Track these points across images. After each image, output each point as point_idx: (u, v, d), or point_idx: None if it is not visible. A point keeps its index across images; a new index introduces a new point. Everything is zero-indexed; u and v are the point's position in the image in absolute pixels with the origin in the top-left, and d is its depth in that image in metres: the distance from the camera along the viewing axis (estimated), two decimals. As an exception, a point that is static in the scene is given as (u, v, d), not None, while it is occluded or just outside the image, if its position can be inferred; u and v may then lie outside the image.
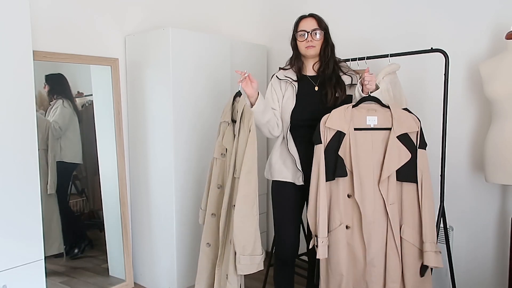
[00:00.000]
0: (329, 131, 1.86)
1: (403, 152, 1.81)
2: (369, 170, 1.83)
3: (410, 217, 1.84)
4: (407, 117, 1.85)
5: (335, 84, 1.97)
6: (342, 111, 1.86)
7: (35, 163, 2.05)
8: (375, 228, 1.83)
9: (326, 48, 2.00)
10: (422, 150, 1.84)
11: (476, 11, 2.39)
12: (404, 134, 1.83)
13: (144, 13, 2.86)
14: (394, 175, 1.82)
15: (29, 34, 2.01)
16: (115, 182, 2.72)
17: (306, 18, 2.01)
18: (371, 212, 1.82)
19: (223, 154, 2.00)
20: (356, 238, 1.85)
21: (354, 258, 1.86)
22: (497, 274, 2.44)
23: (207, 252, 2.08)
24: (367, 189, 1.83)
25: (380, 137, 1.84)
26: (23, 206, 2.02)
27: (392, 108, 1.86)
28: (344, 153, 1.84)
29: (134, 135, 2.78)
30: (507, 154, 2.09)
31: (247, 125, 1.87)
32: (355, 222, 1.85)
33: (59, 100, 2.64)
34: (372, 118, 1.85)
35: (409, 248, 1.83)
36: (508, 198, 2.37)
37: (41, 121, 2.56)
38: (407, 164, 1.82)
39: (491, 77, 2.16)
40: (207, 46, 2.69)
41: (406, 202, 1.85)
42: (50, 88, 2.60)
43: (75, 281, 2.65)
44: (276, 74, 2.09)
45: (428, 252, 1.79)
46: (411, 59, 2.38)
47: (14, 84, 1.97)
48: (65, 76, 2.63)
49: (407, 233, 1.83)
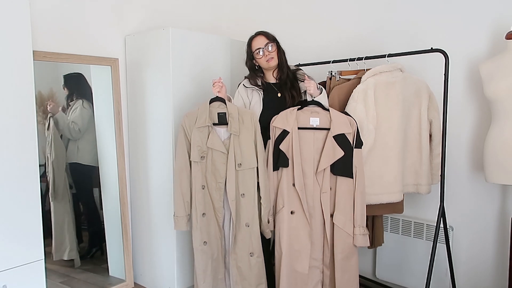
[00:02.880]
0: (276, 130, 2.17)
1: (337, 150, 2.11)
2: (310, 162, 2.15)
3: (342, 205, 2.14)
4: (343, 120, 2.12)
5: (290, 87, 2.23)
6: (288, 113, 2.17)
7: (35, 163, 2.06)
8: (315, 212, 2.17)
9: (281, 56, 2.25)
10: (357, 149, 2.13)
11: (476, 11, 2.39)
12: (341, 134, 2.11)
13: (144, 13, 2.86)
14: (328, 168, 2.13)
15: (29, 34, 2.02)
16: (115, 182, 2.72)
17: (255, 37, 2.24)
18: (311, 199, 2.15)
19: (202, 157, 2.16)
20: (301, 221, 2.16)
21: (297, 238, 2.16)
22: (497, 274, 2.44)
23: (205, 250, 2.19)
24: (308, 178, 2.15)
25: (321, 136, 2.15)
26: (23, 206, 2.02)
27: (332, 111, 2.15)
28: (287, 148, 2.15)
29: (134, 135, 2.79)
30: (507, 154, 2.09)
31: (251, 123, 2.16)
32: (299, 207, 2.15)
33: (79, 101, 2.65)
34: (314, 120, 2.15)
35: (339, 231, 2.14)
36: (508, 198, 2.37)
37: (62, 119, 2.58)
38: (341, 160, 2.11)
39: (491, 77, 2.16)
40: (207, 46, 2.69)
41: (339, 192, 2.15)
42: (69, 88, 2.62)
43: (75, 281, 2.65)
44: (243, 83, 2.32)
45: (357, 235, 2.14)
46: (411, 59, 2.38)
47: (14, 84, 1.97)
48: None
49: (338, 219, 2.14)
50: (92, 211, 2.84)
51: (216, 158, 2.16)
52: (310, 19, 3.14)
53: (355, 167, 2.12)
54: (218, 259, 2.24)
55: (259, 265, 2.20)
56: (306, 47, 3.07)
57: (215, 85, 2.20)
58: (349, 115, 2.15)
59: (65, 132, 2.65)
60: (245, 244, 2.19)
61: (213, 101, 2.20)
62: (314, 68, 2.64)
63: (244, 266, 2.19)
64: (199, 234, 2.18)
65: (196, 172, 2.17)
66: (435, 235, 2.17)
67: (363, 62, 2.38)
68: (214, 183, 2.18)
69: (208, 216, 2.19)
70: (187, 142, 2.19)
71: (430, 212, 2.59)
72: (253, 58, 2.23)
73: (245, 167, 2.15)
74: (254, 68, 2.28)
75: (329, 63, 2.57)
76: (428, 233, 2.56)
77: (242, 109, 2.22)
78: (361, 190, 2.14)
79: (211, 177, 2.18)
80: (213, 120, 2.18)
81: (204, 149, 2.16)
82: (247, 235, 2.18)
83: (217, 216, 2.20)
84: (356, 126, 2.13)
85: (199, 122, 2.15)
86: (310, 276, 2.18)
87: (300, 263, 2.16)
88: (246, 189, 2.17)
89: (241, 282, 2.21)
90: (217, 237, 2.21)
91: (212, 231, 2.20)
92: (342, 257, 2.14)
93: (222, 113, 2.17)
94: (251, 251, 2.19)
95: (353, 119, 2.14)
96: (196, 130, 2.15)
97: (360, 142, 2.14)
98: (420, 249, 2.58)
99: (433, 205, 2.53)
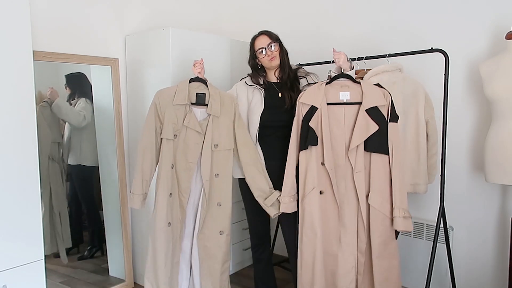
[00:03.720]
0: (304, 106, 2.05)
1: (371, 124, 1.95)
2: (341, 140, 2.01)
3: (377, 185, 1.98)
4: (376, 92, 1.98)
5: (290, 87, 2.21)
6: (316, 88, 2.04)
7: (35, 163, 2.06)
8: (347, 193, 2.02)
9: (284, 56, 2.23)
10: (393, 123, 1.98)
11: (476, 11, 2.39)
12: (374, 107, 1.96)
13: (144, 13, 2.86)
14: (362, 145, 1.98)
15: (29, 34, 2.02)
16: (115, 182, 2.72)
17: (258, 37, 2.23)
18: (342, 179, 2.01)
19: (175, 135, 2.13)
20: (330, 202, 2.03)
21: (327, 220, 2.04)
22: (497, 274, 2.44)
23: (169, 232, 2.14)
24: (340, 157, 2.01)
25: (352, 110, 2.00)
26: (23, 206, 2.02)
27: (363, 83, 2.01)
28: (316, 124, 2.01)
29: (134, 135, 2.78)
30: (507, 154, 2.09)
31: (231, 106, 2.17)
32: (328, 187, 2.02)
33: (81, 98, 2.65)
34: (344, 94, 2.02)
35: (375, 213, 1.98)
36: (508, 198, 2.37)
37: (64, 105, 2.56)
38: (376, 136, 1.95)
39: (491, 77, 2.16)
40: (207, 46, 2.69)
41: (374, 171, 1.99)
42: (71, 88, 2.61)
43: (75, 281, 2.65)
44: (245, 80, 2.30)
45: (397, 217, 1.95)
46: (411, 59, 2.39)
47: (14, 84, 1.97)
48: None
49: (373, 199, 1.97)
50: (92, 211, 2.84)
51: (190, 137, 2.13)
52: (310, 19, 3.14)
53: (391, 143, 1.96)
54: (176, 242, 2.19)
55: (227, 243, 2.21)
56: (306, 47, 3.07)
57: (196, 65, 2.19)
58: (382, 87, 2.02)
59: (70, 117, 2.62)
60: (216, 223, 2.18)
61: (193, 81, 2.17)
62: (314, 68, 2.64)
63: (212, 245, 2.18)
64: (165, 215, 2.12)
65: (167, 150, 2.12)
66: (435, 235, 2.17)
67: (363, 62, 2.39)
68: (184, 163, 2.14)
69: (173, 196, 2.15)
70: (157, 120, 2.14)
71: (430, 212, 2.59)
72: (256, 57, 2.24)
73: (221, 149, 2.15)
74: (257, 67, 2.28)
75: (329, 63, 2.57)
76: (428, 233, 2.57)
77: (223, 92, 2.21)
78: (399, 168, 1.97)
79: (181, 156, 2.14)
80: (191, 100, 2.15)
81: (179, 127, 2.12)
82: (218, 214, 2.17)
83: (181, 197, 2.16)
84: (390, 98, 1.99)
85: (177, 100, 2.12)
86: (343, 260, 2.04)
87: (330, 245, 2.05)
88: (220, 170, 2.16)
89: (208, 260, 2.19)
90: (178, 219, 2.17)
91: (175, 213, 2.16)
92: (380, 241, 1.97)
93: (201, 93, 2.15)
94: (221, 229, 2.18)
95: (387, 91, 2.00)
96: (172, 107, 2.11)
97: (396, 115, 1.99)
98: (420, 249, 2.59)
99: (433, 205, 2.53)
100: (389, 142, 1.96)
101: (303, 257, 2.07)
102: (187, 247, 2.25)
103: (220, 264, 2.19)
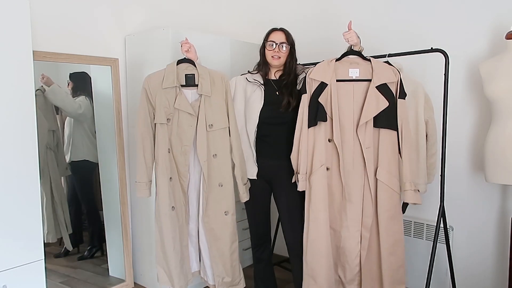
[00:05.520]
0: (313, 82, 2.05)
1: (381, 100, 1.96)
2: (349, 116, 2.02)
3: (385, 160, 2.00)
4: (386, 69, 2.00)
5: (290, 92, 2.17)
6: (325, 64, 2.04)
7: (35, 163, 2.05)
8: (354, 169, 2.04)
9: (291, 62, 2.20)
10: (401, 100, 1.99)
11: (476, 11, 2.40)
12: (383, 84, 1.97)
13: (144, 13, 2.86)
14: (371, 122, 2.00)
15: (29, 34, 2.01)
16: (115, 182, 2.72)
17: (277, 31, 2.19)
18: (350, 155, 2.02)
19: (168, 119, 2.11)
20: (335, 178, 2.05)
21: (332, 196, 2.06)
22: (497, 274, 2.44)
23: (173, 216, 2.13)
24: (347, 134, 2.02)
25: (361, 87, 2.01)
26: (23, 206, 2.02)
27: (373, 60, 2.02)
28: (326, 101, 2.02)
29: (134, 135, 2.78)
30: (507, 154, 2.09)
31: (222, 84, 2.16)
32: (334, 164, 2.05)
33: (82, 96, 2.66)
34: (354, 70, 2.02)
35: (383, 187, 2.00)
36: (508, 198, 2.37)
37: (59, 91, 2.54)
38: (385, 112, 1.97)
39: (491, 77, 2.16)
40: (207, 46, 2.69)
41: (382, 147, 2.01)
42: (74, 86, 2.62)
43: (75, 281, 2.65)
44: (246, 76, 2.28)
45: (408, 190, 1.98)
46: (411, 59, 2.39)
47: (14, 84, 1.97)
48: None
49: (381, 174, 2.00)
50: (92, 211, 2.84)
51: (183, 120, 2.11)
52: (310, 19, 3.14)
53: (400, 119, 1.99)
54: (183, 225, 2.19)
55: (233, 223, 2.20)
56: (306, 47, 3.07)
57: (184, 45, 2.15)
58: (391, 65, 2.04)
59: (65, 103, 2.60)
60: (219, 204, 2.16)
61: (181, 62, 2.15)
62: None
63: (218, 227, 2.17)
64: (167, 199, 2.11)
65: (162, 135, 2.11)
66: (435, 235, 2.17)
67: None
68: (180, 147, 2.12)
69: (173, 180, 2.14)
70: (149, 105, 2.12)
71: (430, 212, 2.59)
72: (265, 47, 2.20)
73: (216, 128, 2.12)
74: (265, 58, 2.23)
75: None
76: (428, 233, 2.57)
77: (212, 71, 2.18)
78: (408, 143, 1.99)
79: (177, 140, 2.12)
80: (180, 82, 2.13)
81: (171, 111, 2.10)
82: (220, 194, 2.16)
83: (181, 181, 2.15)
84: (399, 75, 2.00)
85: (166, 83, 2.09)
86: (348, 235, 2.06)
87: (335, 221, 2.07)
88: (218, 150, 2.14)
89: (215, 243, 2.18)
90: (181, 203, 2.17)
91: (177, 197, 2.15)
92: (387, 216, 1.99)
93: (190, 74, 2.13)
94: (225, 210, 2.17)
95: (396, 68, 2.03)
96: (163, 91, 2.09)
97: (404, 92, 2.00)
98: (420, 249, 2.59)
99: (433, 205, 2.53)
100: (398, 118, 1.99)
101: (309, 233, 2.08)
102: (194, 231, 2.25)
103: (228, 245, 2.19)
